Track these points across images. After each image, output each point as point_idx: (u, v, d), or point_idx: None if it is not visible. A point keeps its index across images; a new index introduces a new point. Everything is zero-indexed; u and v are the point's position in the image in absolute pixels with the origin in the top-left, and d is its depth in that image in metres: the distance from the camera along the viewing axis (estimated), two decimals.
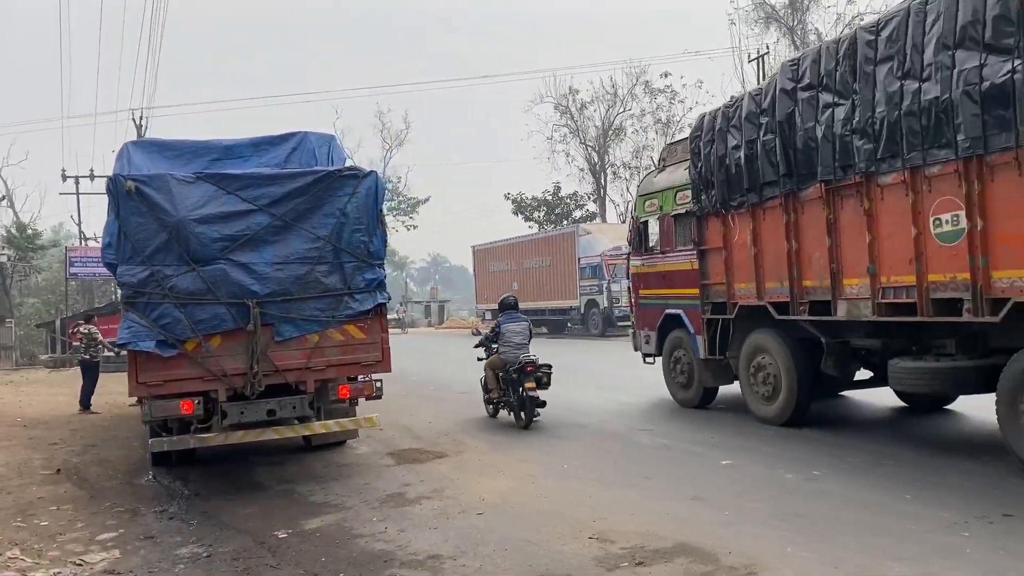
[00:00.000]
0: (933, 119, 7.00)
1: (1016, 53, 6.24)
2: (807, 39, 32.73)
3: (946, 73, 6.85)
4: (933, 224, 7.29)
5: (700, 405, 11.54)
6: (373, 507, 7.13)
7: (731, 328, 10.45)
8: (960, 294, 7.07)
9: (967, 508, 6.06)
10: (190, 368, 7.75)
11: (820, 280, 8.74)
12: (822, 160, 8.30)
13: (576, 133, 42.23)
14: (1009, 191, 6.56)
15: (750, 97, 9.56)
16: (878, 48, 7.60)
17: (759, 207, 9.52)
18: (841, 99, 8.07)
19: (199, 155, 9.41)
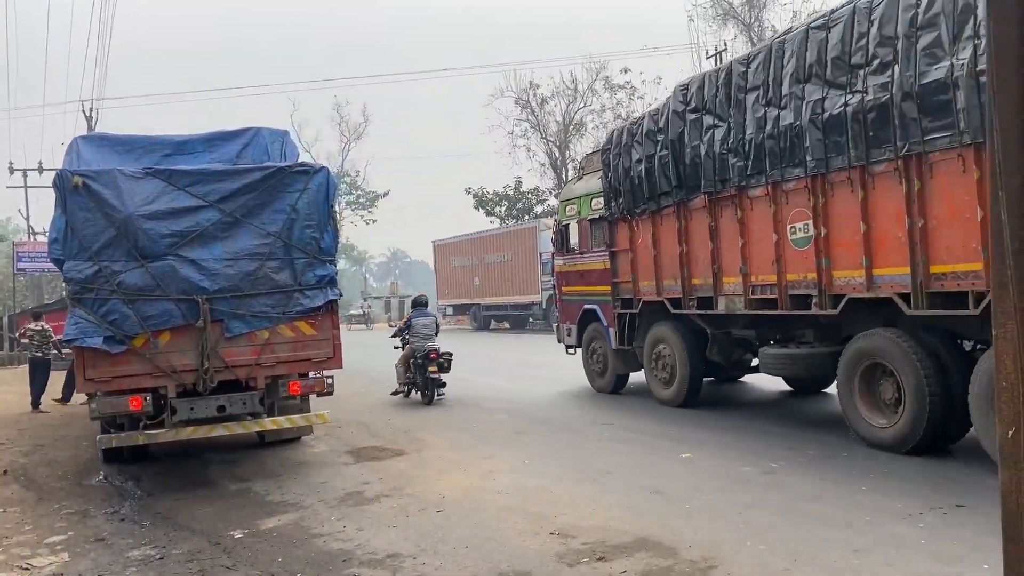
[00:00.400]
0: (789, 142, 8.25)
1: (848, 89, 7.55)
2: (764, 35, 33.11)
3: (798, 103, 8.10)
4: (790, 231, 8.56)
5: (614, 391, 12.65)
6: (331, 506, 7.03)
7: (636, 321, 11.64)
8: (810, 291, 8.37)
9: (921, 499, 6.16)
10: (139, 364, 7.74)
11: (705, 279, 9.98)
12: (705, 175, 9.51)
13: (537, 128, 42.24)
14: (845, 205, 7.86)
15: (649, 116, 10.77)
16: (748, 79, 8.83)
17: (657, 214, 10.73)
18: (720, 122, 9.29)
19: (150, 150, 9.36)
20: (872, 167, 7.48)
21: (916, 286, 7.19)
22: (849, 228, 7.84)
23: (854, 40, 7.50)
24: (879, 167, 7.42)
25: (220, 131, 9.94)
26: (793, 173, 8.29)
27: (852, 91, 7.50)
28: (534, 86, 41.80)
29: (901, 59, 7.00)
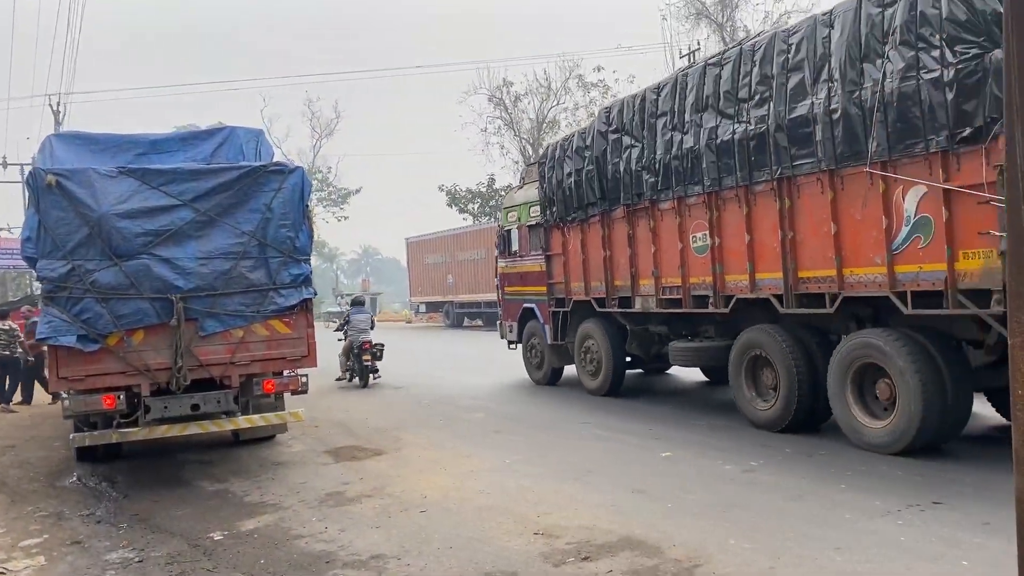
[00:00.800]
0: (690, 163, 9.41)
1: (736, 119, 8.72)
2: (736, 36, 33.35)
3: (697, 129, 9.29)
4: (692, 240, 9.71)
5: (550, 382, 13.77)
6: (312, 506, 6.98)
7: (568, 319, 12.75)
8: (707, 292, 9.55)
9: (898, 497, 6.24)
10: (112, 363, 7.74)
11: (624, 281, 11.10)
12: (624, 188, 10.67)
13: (510, 125, 42.13)
14: (734, 218, 9.05)
15: (579, 134, 12.01)
16: (658, 106, 9.97)
17: (585, 222, 11.86)
18: (636, 142, 10.46)
19: (124, 149, 9.32)
20: (754, 187, 8.65)
21: (787, 288, 8.39)
22: (737, 238, 9.02)
23: (740, 77, 8.69)
24: (759, 187, 8.60)
25: (195, 130, 9.99)
26: (694, 190, 9.46)
27: (739, 121, 8.70)
28: (507, 83, 41.74)
29: (775, 96, 8.20)
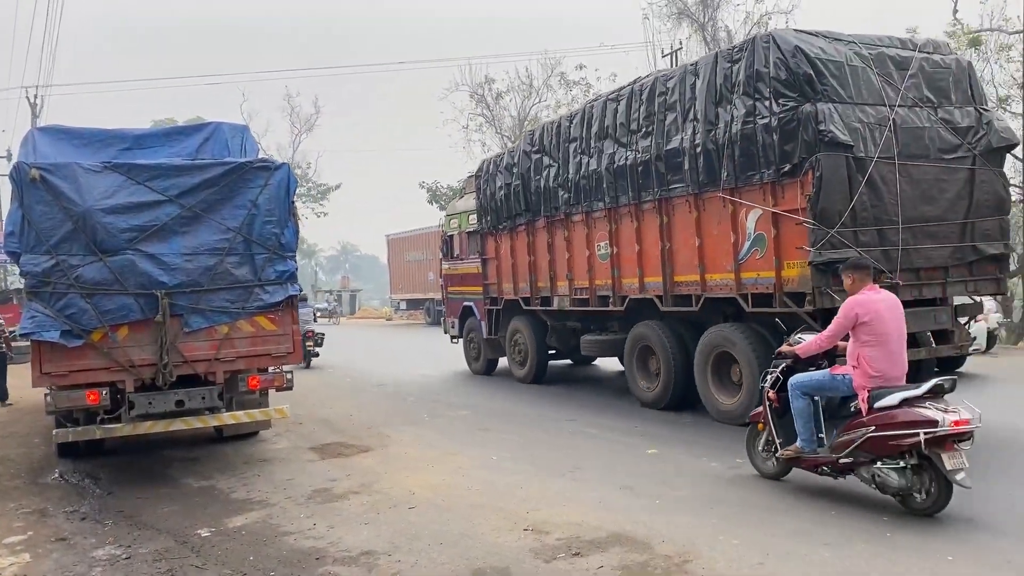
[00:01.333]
0: (594, 183, 10.96)
1: (628, 147, 10.30)
2: (717, 36, 33.51)
3: (599, 154, 10.86)
4: (597, 248, 11.25)
5: (486, 372, 15.39)
6: (299, 503, 6.95)
7: (500, 315, 14.35)
8: (609, 293, 11.10)
9: (875, 496, 6.33)
10: (96, 359, 7.67)
11: (545, 282, 12.62)
12: (544, 202, 12.27)
13: (492, 123, 42.01)
14: (627, 231, 10.61)
15: (508, 153, 13.64)
16: (571, 132, 11.59)
17: (513, 231, 13.38)
18: (553, 163, 12.03)
19: (108, 144, 9.25)
20: (642, 205, 10.23)
21: (665, 290, 10.00)
22: (630, 248, 10.57)
23: (631, 113, 10.26)
24: (646, 206, 10.18)
25: (180, 125, 9.98)
26: (597, 206, 10.98)
27: (630, 149, 10.23)
28: (489, 81, 41.67)
29: (656, 130, 9.81)
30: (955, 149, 8.65)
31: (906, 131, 8.33)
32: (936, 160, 8.51)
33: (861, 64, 8.35)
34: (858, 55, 8.42)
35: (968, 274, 8.85)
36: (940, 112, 8.68)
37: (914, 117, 8.47)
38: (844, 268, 6.63)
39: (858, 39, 8.69)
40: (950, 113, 8.73)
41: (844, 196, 7.93)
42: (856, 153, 7.96)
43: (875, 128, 8.16)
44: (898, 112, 8.32)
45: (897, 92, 8.41)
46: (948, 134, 8.63)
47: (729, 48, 9.12)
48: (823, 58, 8.12)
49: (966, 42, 23.08)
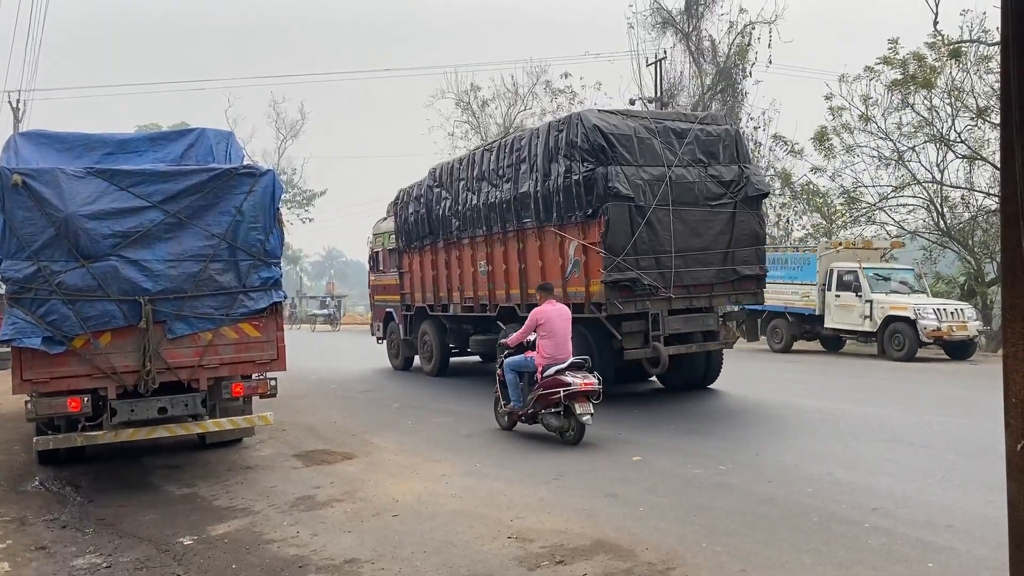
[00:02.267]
0: (475, 214, 13.65)
1: (497, 188, 12.99)
2: (701, 45, 33.73)
3: (479, 192, 13.59)
4: (479, 266, 13.82)
5: (404, 368, 17.78)
6: (283, 511, 6.92)
7: (413, 320, 16.95)
8: (487, 301, 13.67)
9: (859, 500, 6.38)
10: (78, 365, 7.62)
11: (444, 292, 15.25)
12: (442, 228, 14.93)
13: (477, 130, 42.08)
14: (498, 253, 13.24)
15: (417, 185, 16.13)
16: (460, 172, 14.31)
17: (421, 250, 16.01)
18: (448, 195, 14.64)
19: (92, 149, 9.21)
20: (506, 234, 12.90)
21: (522, 299, 12.51)
22: (499, 266, 13.14)
23: (499, 161, 13.03)
24: (509, 234, 12.83)
25: (164, 131, 9.92)
26: (478, 232, 13.65)
27: (499, 190, 12.94)
28: (475, 88, 41.77)
29: (514, 177, 12.56)
30: (720, 197, 11.60)
31: (680, 185, 11.25)
32: (704, 206, 11.49)
33: (647, 135, 11.27)
34: (646, 128, 11.33)
35: (731, 289, 11.92)
36: (709, 170, 11.64)
37: (687, 174, 11.42)
38: (537, 289, 10.07)
39: (649, 115, 12.24)
40: (717, 170, 11.70)
41: (627, 234, 10.80)
42: (637, 202, 10.86)
43: (655, 183, 11.04)
44: (674, 171, 11.24)
45: (675, 155, 11.35)
46: (714, 186, 11.59)
47: (557, 120, 12.16)
48: (615, 132, 11.01)
49: (947, 53, 23.35)
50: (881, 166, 26.00)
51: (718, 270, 11.58)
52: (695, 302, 11.55)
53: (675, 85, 33.27)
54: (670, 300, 11.10)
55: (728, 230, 11.61)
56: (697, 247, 11.33)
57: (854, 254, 19.25)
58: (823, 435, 9.17)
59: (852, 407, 11.08)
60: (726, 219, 11.61)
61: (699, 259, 11.37)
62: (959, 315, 17.05)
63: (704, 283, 11.54)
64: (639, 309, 11.06)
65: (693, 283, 11.40)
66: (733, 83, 32.66)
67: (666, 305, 11.15)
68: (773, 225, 31.64)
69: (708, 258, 11.48)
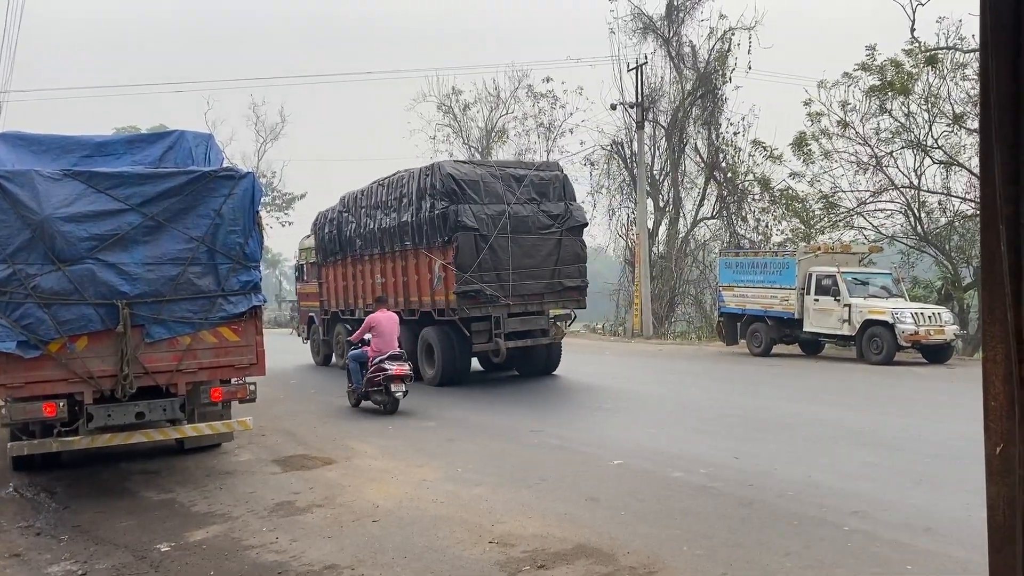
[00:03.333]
0: (373, 236, 16.45)
1: (388, 216, 15.78)
2: (682, 51, 33.95)
3: (375, 219, 16.27)
4: (376, 279, 16.58)
5: (324, 364, 20.17)
6: (261, 516, 6.87)
7: (330, 323, 19.57)
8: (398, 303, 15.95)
9: (838, 503, 6.42)
10: (54, 370, 7.51)
11: (352, 300, 17.93)
12: (349, 246, 17.78)
13: (459, 133, 42.08)
14: (388, 269, 16.13)
15: (332, 209, 18.85)
16: (362, 201, 17.23)
17: (335, 264, 18.76)
18: (353, 219, 17.49)
19: (68, 151, 9.11)
20: (395, 252, 15.75)
21: (406, 306, 15.27)
22: (390, 279, 15.91)
23: (389, 194, 15.80)
24: (397, 253, 15.70)
25: (143, 133, 9.80)
26: (375, 251, 16.46)
27: (390, 217, 15.67)
28: (457, 92, 41.81)
29: (398, 208, 15.44)
30: (549, 227, 14.82)
31: (516, 218, 14.41)
32: (536, 234, 14.64)
33: (492, 180, 14.48)
34: (491, 174, 14.65)
35: (559, 298, 15.15)
36: (541, 206, 14.81)
37: (523, 209, 14.56)
38: (375, 300, 13.93)
39: (495, 164, 16.87)
40: (547, 207, 14.90)
41: (473, 256, 13.93)
42: (481, 232, 13.99)
43: (497, 217, 14.20)
44: (513, 207, 14.40)
45: (514, 195, 14.54)
46: (545, 219, 14.78)
47: (426, 167, 14.96)
48: (465, 179, 14.21)
49: (923, 60, 23.63)
50: (859, 171, 26.31)
51: (547, 283, 14.75)
52: (529, 307, 14.70)
53: (656, 90, 33.46)
54: (508, 306, 14.31)
55: (555, 252, 14.83)
56: (530, 265, 14.52)
57: (833, 259, 19.37)
58: (802, 439, 9.22)
59: (830, 410, 11.16)
60: (554, 244, 14.82)
61: (532, 274, 14.56)
62: (936, 319, 17.21)
63: (536, 293, 14.69)
64: (484, 313, 14.20)
65: (527, 293, 14.56)
66: (713, 88, 32.88)
67: (506, 310, 14.28)
68: (752, 230, 31.93)
69: (539, 274, 14.65)
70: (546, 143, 39.64)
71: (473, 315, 14.09)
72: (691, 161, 34.16)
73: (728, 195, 32.91)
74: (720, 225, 33.83)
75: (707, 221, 34.35)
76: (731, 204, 32.84)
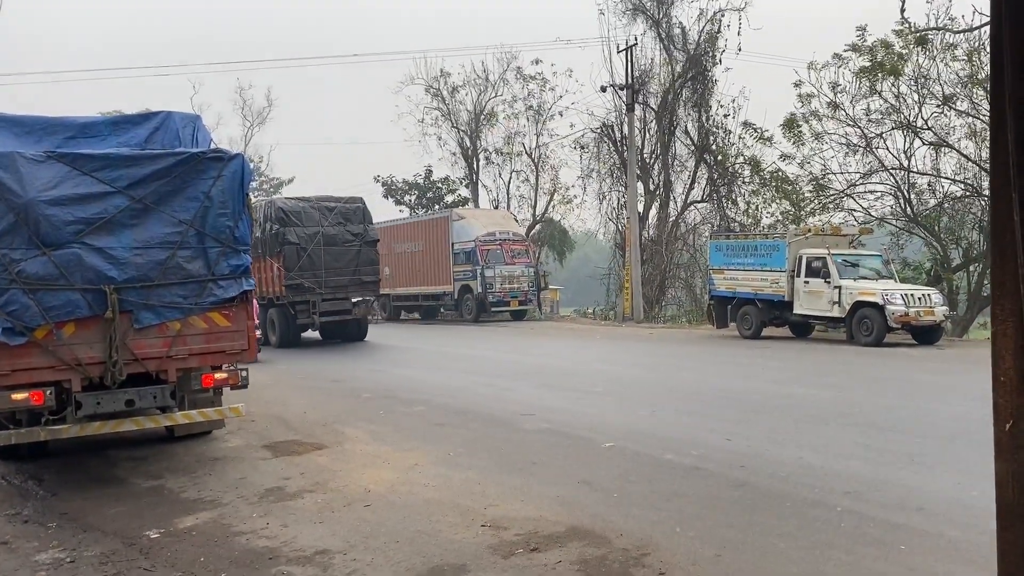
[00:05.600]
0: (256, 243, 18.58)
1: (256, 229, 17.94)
2: (672, 32, 33.77)
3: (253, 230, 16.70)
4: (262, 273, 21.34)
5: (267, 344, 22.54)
6: (252, 502, 6.82)
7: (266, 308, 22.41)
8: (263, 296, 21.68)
9: (831, 484, 6.42)
10: (41, 357, 7.32)
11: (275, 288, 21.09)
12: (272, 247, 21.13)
13: (448, 117, 41.81)
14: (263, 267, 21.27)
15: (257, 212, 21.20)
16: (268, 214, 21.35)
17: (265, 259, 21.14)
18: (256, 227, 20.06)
19: (52, 132, 8.88)
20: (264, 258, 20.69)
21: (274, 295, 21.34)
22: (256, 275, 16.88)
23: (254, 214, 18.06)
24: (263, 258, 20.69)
25: (128, 114, 9.58)
26: (258, 254, 19.40)
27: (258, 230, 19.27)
28: (445, 74, 41.55)
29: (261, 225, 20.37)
30: (352, 242, 20.98)
31: (327, 236, 20.62)
32: (341, 246, 20.83)
33: (312, 210, 20.74)
34: (312, 207, 20.85)
35: (359, 289, 21.16)
36: (346, 227, 20.93)
37: (332, 230, 20.77)
38: None
39: (315, 198, 21.48)
40: (350, 228, 20.99)
41: (295, 262, 20.20)
42: (302, 245, 20.23)
43: (314, 235, 20.41)
44: (325, 228, 20.62)
45: (327, 220, 20.76)
46: (348, 236, 20.92)
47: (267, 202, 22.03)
48: (291, 210, 20.61)
49: (913, 41, 23.57)
50: (849, 153, 26.25)
51: (350, 278, 21.00)
52: (337, 296, 20.91)
53: (646, 72, 33.28)
54: (321, 295, 20.52)
55: (356, 258, 21.15)
56: (337, 267, 20.78)
57: (823, 240, 19.38)
58: (794, 420, 9.22)
59: (821, 392, 11.18)
60: (355, 253, 21.13)
61: (338, 273, 20.80)
62: (926, 300, 17.25)
63: (342, 285, 20.94)
64: (304, 299, 20.52)
65: (336, 285, 20.81)
66: (703, 70, 32.75)
67: (320, 297, 20.49)
68: (743, 213, 31.91)
69: (344, 272, 20.90)
70: (536, 126, 39.53)
71: (297, 300, 20.55)
72: (681, 144, 34.07)
73: (718, 178, 32.87)
74: (710, 208, 33.80)
75: (697, 204, 34.30)
76: (721, 187, 32.81)
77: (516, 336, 23.67)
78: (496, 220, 31.83)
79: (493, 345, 20.38)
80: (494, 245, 29.13)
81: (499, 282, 28.81)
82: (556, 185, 40.08)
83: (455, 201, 42.99)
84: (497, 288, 28.76)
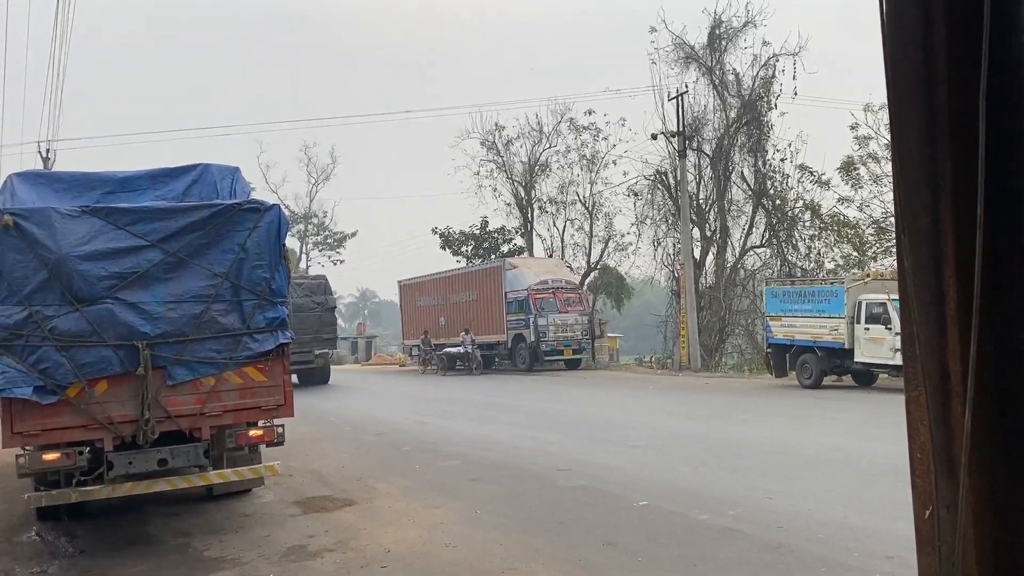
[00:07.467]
0: None
1: None
2: (725, 79, 33.61)
3: None
4: None
5: None
6: (272, 561, 6.70)
7: None
8: None
9: (872, 547, 6.00)
10: (73, 416, 7.18)
11: None
12: None
13: (503, 168, 42.28)
14: None
15: None
16: None
17: None
18: None
19: (91, 188, 8.91)
20: None
21: None
22: None
23: None
24: None
25: (166, 167, 9.57)
26: None
27: None
28: (499, 127, 42.04)
29: None
30: (315, 309, 26.22)
31: (296, 304, 20.78)
32: (307, 312, 25.28)
33: None
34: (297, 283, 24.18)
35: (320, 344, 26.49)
36: (312, 298, 26.20)
37: (300, 300, 23.97)
38: None
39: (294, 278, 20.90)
40: (315, 298, 26.41)
41: None
42: None
43: None
44: (295, 299, 20.79)
45: (296, 293, 22.06)
46: (312, 304, 26.04)
47: None
48: None
49: None
50: None
51: (312, 336, 25.26)
52: (303, 349, 23.42)
53: (699, 119, 33.10)
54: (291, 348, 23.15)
55: (318, 320, 26.09)
56: (303, 328, 22.72)
57: (883, 285, 18.68)
58: (843, 476, 8.75)
59: (877, 446, 10.61)
60: (317, 317, 26.09)
61: (304, 332, 23.17)
62: None
63: (307, 342, 24.30)
64: None
65: (302, 340, 21.57)
66: (758, 115, 32.42)
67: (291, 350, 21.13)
68: (804, 257, 31.18)
69: (308, 331, 24.46)
70: (589, 175, 39.54)
71: None
72: (738, 188, 33.64)
73: (777, 222, 32.26)
74: (770, 253, 33.14)
75: (756, 249, 33.68)
76: (781, 232, 32.17)
77: (566, 386, 23.34)
78: (549, 268, 31.76)
79: (541, 396, 20.05)
80: (547, 293, 28.99)
81: (552, 331, 28.57)
82: (611, 232, 39.88)
83: (511, 251, 43.08)
84: (550, 337, 28.51)
